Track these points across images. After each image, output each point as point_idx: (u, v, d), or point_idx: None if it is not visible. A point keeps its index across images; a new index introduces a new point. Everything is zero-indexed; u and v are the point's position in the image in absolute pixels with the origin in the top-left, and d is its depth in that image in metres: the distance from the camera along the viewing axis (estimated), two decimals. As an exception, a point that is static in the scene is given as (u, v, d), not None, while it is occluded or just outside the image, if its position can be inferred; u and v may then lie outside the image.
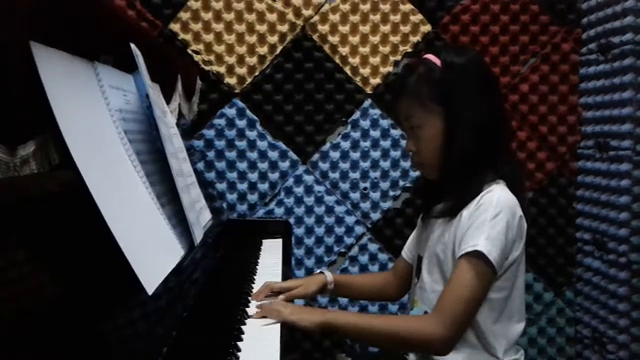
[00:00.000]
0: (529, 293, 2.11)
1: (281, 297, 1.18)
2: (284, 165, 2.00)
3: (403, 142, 1.21)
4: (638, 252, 1.85)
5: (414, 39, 2.01)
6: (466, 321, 1.06)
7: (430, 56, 1.15)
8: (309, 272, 2.02)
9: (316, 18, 1.96)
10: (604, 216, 1.96)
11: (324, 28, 1.97)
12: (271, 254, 1.57)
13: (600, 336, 2.00)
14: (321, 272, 1.37)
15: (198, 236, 1.14)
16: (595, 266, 2.02)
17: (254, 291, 1.22)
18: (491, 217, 1.05)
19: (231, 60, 1.94)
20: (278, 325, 1.04)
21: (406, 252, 1.39)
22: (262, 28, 1.94)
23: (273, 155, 1.99)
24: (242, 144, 1.98)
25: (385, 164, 2.03)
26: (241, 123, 1.97)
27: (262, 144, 1.98)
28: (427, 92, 1.12)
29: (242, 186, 1.99)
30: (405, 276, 1.37)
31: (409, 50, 2.01)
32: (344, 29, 1.98)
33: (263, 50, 1.95)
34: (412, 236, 1.40)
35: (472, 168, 1.12)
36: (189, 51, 1.92)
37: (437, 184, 1.21)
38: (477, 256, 1.04)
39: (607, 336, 1.96)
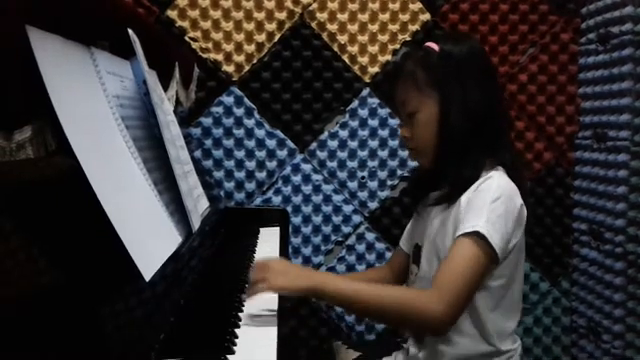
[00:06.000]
0: (525, 283, 2.11)
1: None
2: (282, 154, 2.00)
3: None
4: (634, 243, 1.85)
5: (413, 28, 2.00)
6: (466, 300, 1.04)
7: (429, 43, 1.16)
8: (306, 260, 2.03)
9: (314, 5, 1.95)
10: (601, 206, 1.96)
11: (322, 16, 1.96)
12: (268, 242, 1.57)
13: (595, 326, 2.01)
14: None
15: (196, 223, 1.14)
16: (591, 256, 2.02)
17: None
18: (490, 201, 1.04)
19: (229, 48, 1.93)
20: (275, 313, 1.04)
21: (404, 242, 1.39)
22: (260, 15, 1.93)
23: (271, 143, 1.98)
24: (240, 132, 1.97)
25: (383, 153, 2.03)
26: (239, 111, 1.96)
27: (260, 132, 1.97)
28: (423, 77, 1.13)
29: (239, 174, 1.99)
30: (403, 267, 1.37)
31: (408, 39, 1.99)
32: (343, 17, 1.97)
33: (261, 38, 1.94)
34: (409, 226, 1.40)
35: (467, 153, 1.12)
36: (186, 38, 1.90)
37: (432, 172, 1.21)
38: (477, 236, 1.03)
39: (602, 326, 1.97)
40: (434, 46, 1.14)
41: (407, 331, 1.26)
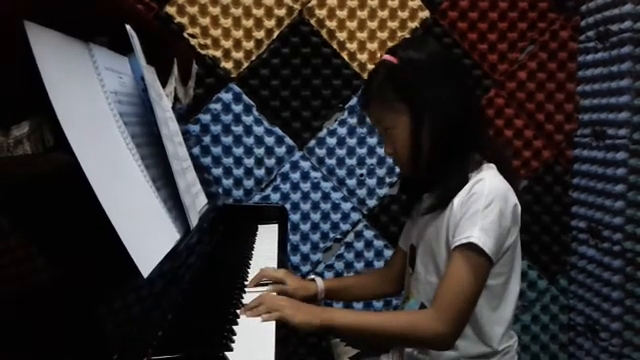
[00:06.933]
0: (523, 280, 2.11)
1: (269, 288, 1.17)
2: (280, 151, 1.99)
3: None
4: (632, 240, 1.86)
5: (412, 25, 2.00)
6: (467, 316, 1.06)
7: (387, 56, 1.16)
8: (304, 258, 2.03)
9: (314, 2, 1.94)
10: (599, 204, 1.96)
11: (321, 12, 1.95)
12: (267, 239, 1.57)
13: (593, 324, 2.02)
14: (312, 279, 1.35)
15: (194, 220, 1.14)
16: (589, 254, 2.03)
17: (249, 276, 1.22)
18: (483, 207, 1.04)
19: (227, 44, 1.93)
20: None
21: (402, 242, 1.39)
22: (259, 12, 1.92)
23: (269, 141, 1.98)
24: (238, 129, 1.97)
25: (382, 150, 2.02)
26: (237, 108, 1.95)
27: (258, 129, 1.97)
28: (390, 93, 1.13)
29: (238, 171, 1.99)
30: (404, 266, 1.37)
31: (407, 36, 1.99)
32: (342, 14, 1.96)
33: (260, 34, 1.94)
34: (405, 226, 1.40)
35: (449, 157, 1.12)
36: (185, 35, 1.90)
37: (422, 180, 1.21)
38: (472, 248, 1.03)
39: (600, 324, 1.97)
40: (391, 58, 1.14)
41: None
